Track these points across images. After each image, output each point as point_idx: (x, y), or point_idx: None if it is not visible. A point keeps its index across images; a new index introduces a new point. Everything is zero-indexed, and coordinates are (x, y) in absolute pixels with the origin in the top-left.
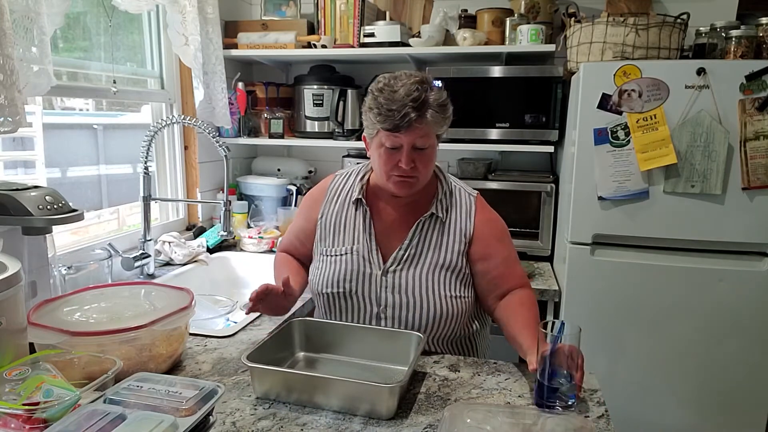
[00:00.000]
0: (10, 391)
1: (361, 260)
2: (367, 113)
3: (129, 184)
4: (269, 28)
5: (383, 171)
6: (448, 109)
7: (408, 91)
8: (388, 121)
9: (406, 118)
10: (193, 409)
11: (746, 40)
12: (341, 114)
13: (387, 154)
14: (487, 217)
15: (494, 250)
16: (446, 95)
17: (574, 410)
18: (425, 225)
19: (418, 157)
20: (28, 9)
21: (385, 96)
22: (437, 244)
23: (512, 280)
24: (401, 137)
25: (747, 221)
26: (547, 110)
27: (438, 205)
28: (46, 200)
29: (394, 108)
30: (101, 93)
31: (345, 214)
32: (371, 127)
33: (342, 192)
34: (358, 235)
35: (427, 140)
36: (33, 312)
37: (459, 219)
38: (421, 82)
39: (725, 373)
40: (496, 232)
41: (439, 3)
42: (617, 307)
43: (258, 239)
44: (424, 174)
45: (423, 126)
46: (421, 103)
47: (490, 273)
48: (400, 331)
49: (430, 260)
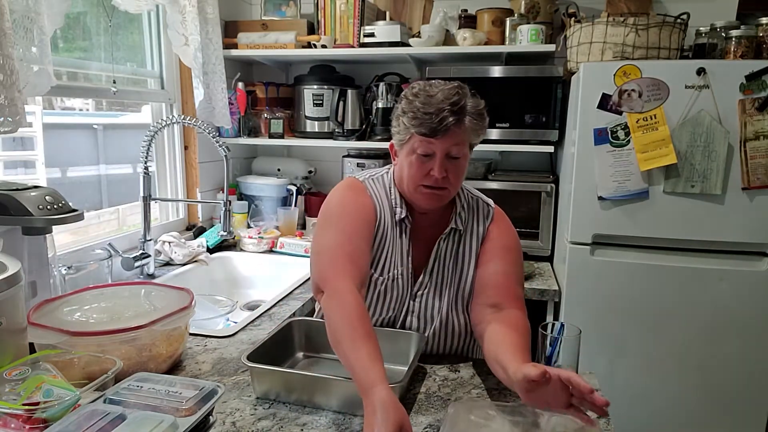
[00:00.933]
0: (10, 391)
1: (401, 286)
2: (399, 118)
3: (129, 184)
4: (269, 28)
5: (412, 180)
6: (485, 118)
7: (447, 95)
8: (425, 125)
9: (444, 122)
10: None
11: (746, 40)
12: (341, 114)
13: (419, 162)
14: (501, 227)
15: (498, 256)
16: (484, 104)
17: None
18: (447, 241)
19: (450, 167)
20: (28, 9)
21: (421, 100)
22: (456, 262)
23: (507, 297)
24: (436, 143)
25: (747, 221)
26: (547, 110)
27: (457, 219)
28: (46, 200)
29: (431, 111)
30: (101, 93)
31: (391, 233)
32: (404, 132)
33: (384, 205)
34: (398, 258)
35: (462, 149)
36: (33, 312)
37: (476, 228)
38: (461, 87)
39: (725, 372)
40: (505, 242)
41: (439, 3)
42: (617, 307)
43: (258, 239)
44: (455, 186)
45: (460, 133)
46: (460, 108)
47: (487, 279)
48: (400, 331)
49: (450, 280)
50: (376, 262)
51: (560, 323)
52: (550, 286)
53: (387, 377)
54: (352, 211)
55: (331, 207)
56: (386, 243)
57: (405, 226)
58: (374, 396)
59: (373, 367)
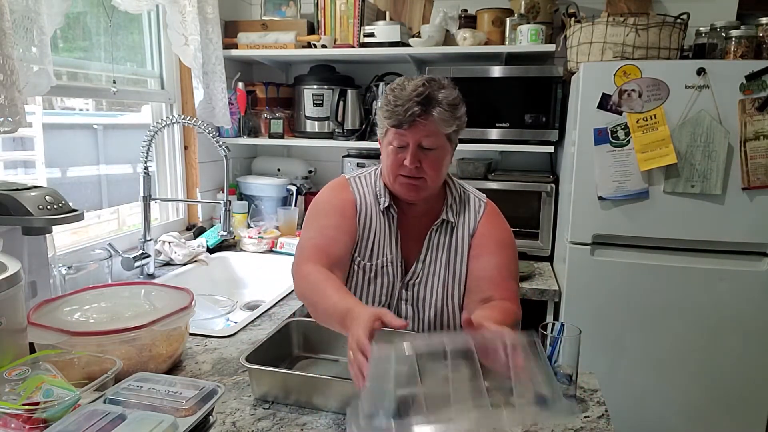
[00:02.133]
0: (10, 391)
1: (390, 274)
2: (378, 112)
3: (129, 184)
4: (269, 28)
5: (390, 171)
6: (458, 109)
7: (414, 88)
8: (393, 117)
9: (409, 113)
10: (193, 409)
11: (746, 40)
12: (341, 114)
13: (394, 153)
14: (493, 221)
15: (490, 251)
16: (458, 95)
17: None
18: (438, 232)
19: (424, 158)
20: (28, 9)
21: (395, 94)
22: (449, 252)
23: (500, 290)
24: (407, 134)
25: (747, 221)
26: (547, 110)
27: (449, 210)
28: (46, 200)
29: (399, 104)
30: (101, 93)
31: (377, 222)
32: (382, 126)
33: (368, 197)
34: (388, 246)
35: (435, 140)
36: (33, 312)
37: (468, 221)
38: (430, 80)
39: (725, 372)
40: (498, 237)
41: (439, 3)
42: (617, 307)
43: (258, 239)
44: (432, 177)
45: (428, 123)
46: (426, 98)
47: (478, 272)
48: (399, 332)
49: (444, 270)
50: (363, 249)
51: (560, 323)
52: (550, 286)
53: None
54: (328, 208)
55: (311, 207)
56: (372, 231)
57: (392, 216)
58: (351, 315)
59: (345, 300)
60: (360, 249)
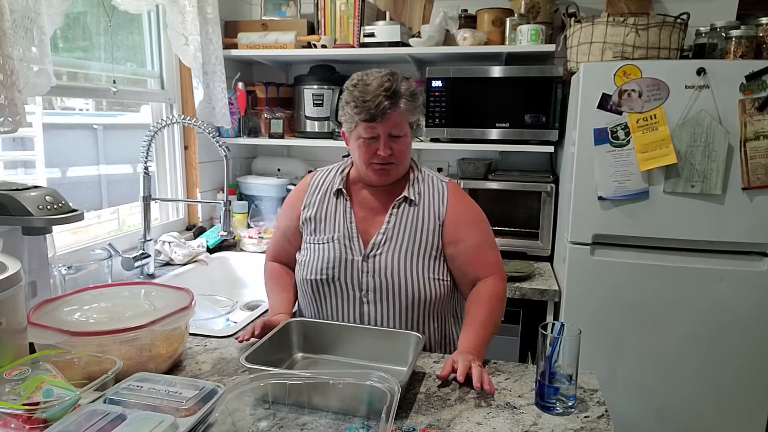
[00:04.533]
0: (10, 391)
1: (343, 247)
2: (344, 108)
3: (129, 184)
4: (269, 28)
5: (363, 161)
6: (418, 98)
7: (380, 83)
8: (365, 112)
9: (380, 107)
10: (193, 409)
11: (746, 40)
12: None
13: (365, 145)
14: (460, 201)
15: (465, 234)
16: (415, 85)
17: (575, 411)
18: (401, 208)
19: (394, 145)
20: (28, 9)
21: (359, 89)
22: (413, 226)
23: (482, 267)
24: (378, 127)
25: (747, 221)
26: (547, 110)
27: (410, 188)
28: (46, 200)
29: (368, 99)
30: (101, 93)
31: (327, 205)
32: (350, 121)
33: (323, 185)
34: (339, 224)
35: (402, 128)
36: (33, 312)
37: (432, 202)
38: (392, 74)
39: (725, 372)
40: (469, 216)
41: (439, 3)
42: (617, 307)
43: (258, 239)
44: (402, 161)
45: (396, 114)
46: (393, 92)
47: (460, 258)
48: (399, 332)
49: (408, 242)
50: (312, 229)
51: (560, 323)
52: (550, 286)
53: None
54: (285, 208)
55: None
56: (321, 212)
57: (344, 196)
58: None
59: (275, 305)
60: (308, 229)
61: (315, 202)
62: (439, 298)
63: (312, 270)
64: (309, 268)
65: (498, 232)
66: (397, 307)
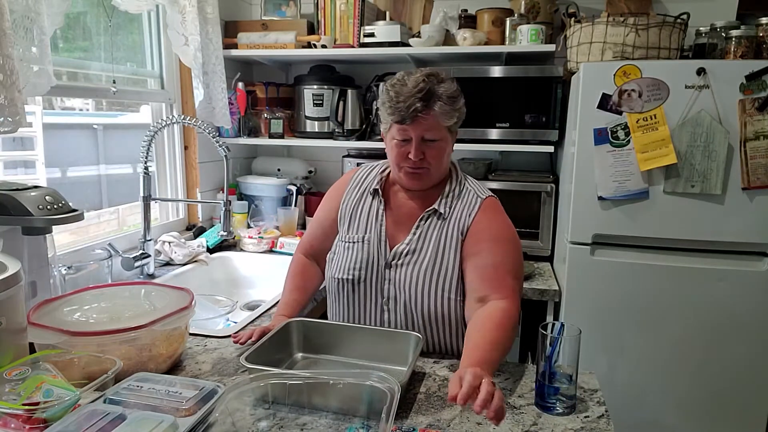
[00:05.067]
0: (10, 391)
1: (372, 249)
2: (381, 108)
3: (129, 184)
4: (269, 28)
5: (395, 163)
6: (458, 101)
7: (415, 83)
8: (396, 114)
9: (412, 109)
10: (193, 409)
11: (746, 40)
12: (341, 114)
13: (398, 147)
14: (489, 217)
15: (486, 248)
16: (456, 87)
17: (575, 411)
18: (429, 221)
19: (427, 150)
20: (28, 9)
21: (395, 90)
22: (437, 242)
23: (494, 287)
24: (410, 129)
25: (747, 221)
26: (547, 110)
27: (442, 200)
28: (46, 200)
29: (401, 100)
30: (101, 93)
31: (363, 203)
32: (385, 121)
33: (364, 182)
34: (371, 225)
35: (437, 133)
36: (33, 312)
37: (460, 218)
38: (429, 75)
39: (725, 373)
40: (494, 233)
41: (439, 3)
42: (617, 307)
43: (258, 239)
44: (435, 167)
45: (430, 117)
46: (427, 93)
47: (474, 272)
48: (398, 332)
49: (430, 259)
50: (346, 226)
51: (560, 323)
52: (550, 286)
53: (292, 310)
54: (324, 201)
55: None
56: (357, 210)
57: (379, 199)
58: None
59: (281, 305)
60: (344, 224)
61: (354, 198)
62: (454, 317)
63: (339, 269)
64: (337, 266)
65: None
66: (417, 321)
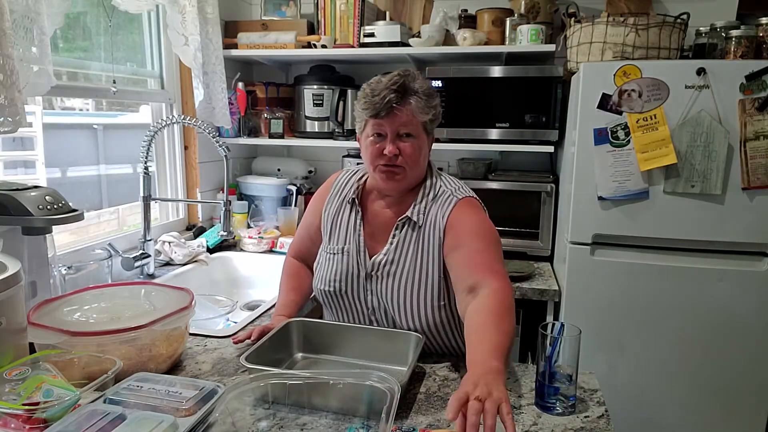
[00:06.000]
0: (10, 391)
1: (351, 261)
2: (356, 108)
3: (129, 184)
4: (269, 28)
5: (371, 161)
6: (433, 98)
7: (390, 79)
8: (371, 108)
9: (386, 100)
10: (193, 409)
11: (746, 40)
12: (341, 114)
13: (373, 143)
14: (465, 212)
15: (467, 241)
16: (432, 86)
17: (575, 411)
18: (404, 229)
19: (403, 146)
20: (28, 9)
21: (371, 87)
22: (415, 251)
23: (480, 272)
24: (385, 124)
25: (747, 221)
26: (547, 110)
27: (416, 207)
28: (46, 200)
29: (377, 94)
30: (101, 93)
31: (342, 213)
32: (360, 120)
33: (343, 191)
34: (350, 235)
35: (413, 128)
36: (33, 312)
37: (435, 219)
38: (405, 72)
39: (725, 372)
40: (471, 227)
41: (439, 3)
42: (617, 307)
43: (258, 239)
44: (411, 165)
45: (405, 111)
46: (401, 87)
47: (457, 262)
48: (398, 332)
49: (409, 270)
50: (327, 237)
51: (560, 323)
52: (550, 286)
53: (290, 310)
54: (311, 205)
55: None
56: (337, 220)
57: (356, 207)
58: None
59: (278, 306)
60: (325, 236)
61: (333, 207)
62: (444, 322)
63: (322, 280)
64: (320, 277)
65: (498, 232)
66: (405, 329)
